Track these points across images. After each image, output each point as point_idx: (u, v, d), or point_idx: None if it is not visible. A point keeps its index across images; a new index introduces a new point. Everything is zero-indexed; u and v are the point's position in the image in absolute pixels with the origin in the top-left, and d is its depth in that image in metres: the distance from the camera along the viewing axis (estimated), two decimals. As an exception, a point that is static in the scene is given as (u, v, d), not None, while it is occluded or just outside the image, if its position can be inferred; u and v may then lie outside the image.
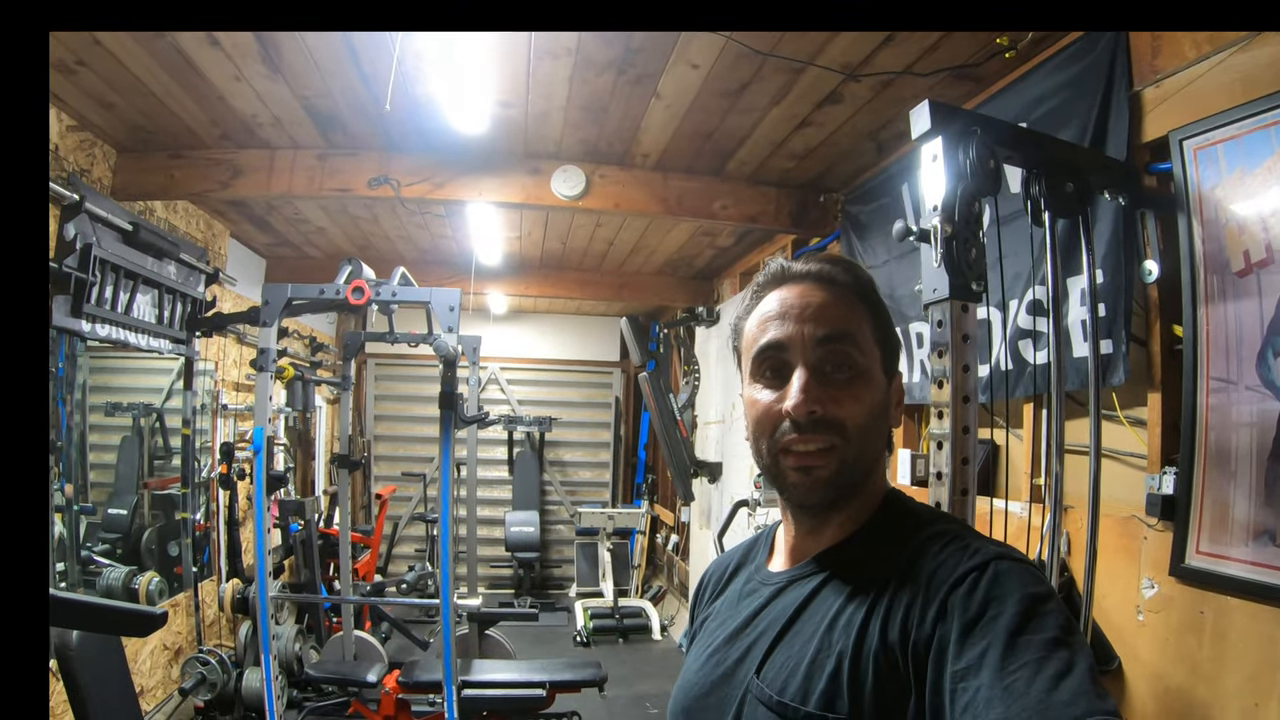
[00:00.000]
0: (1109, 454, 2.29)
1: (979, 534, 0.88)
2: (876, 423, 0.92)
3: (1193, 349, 1.99)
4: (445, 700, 3.48)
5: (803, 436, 0.89)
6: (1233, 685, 1.87)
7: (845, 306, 0.94)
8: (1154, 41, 2.16)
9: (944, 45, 2.56)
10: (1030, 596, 0.73)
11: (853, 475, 0.91)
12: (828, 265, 0.97)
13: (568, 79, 2.96)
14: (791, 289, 0.96)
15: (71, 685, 2.52)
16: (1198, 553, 1.97)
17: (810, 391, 0.88)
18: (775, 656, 0.89)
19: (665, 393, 6.30)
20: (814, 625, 0.87)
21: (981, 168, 1.63)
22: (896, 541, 0.88)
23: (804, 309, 0.93)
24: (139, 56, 2.82)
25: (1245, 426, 1.88)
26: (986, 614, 0.72)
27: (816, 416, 0.88)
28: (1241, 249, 1.89)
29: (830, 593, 0.89)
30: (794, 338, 0.91)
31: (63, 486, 3.54)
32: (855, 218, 3.78)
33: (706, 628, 1.07)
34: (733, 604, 1.04)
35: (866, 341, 0.93)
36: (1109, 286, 2.19)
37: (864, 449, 0.91)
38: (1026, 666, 0.67)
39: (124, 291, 3.82)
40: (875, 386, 0.92)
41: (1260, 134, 1.85)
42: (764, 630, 0.93)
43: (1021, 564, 0.79)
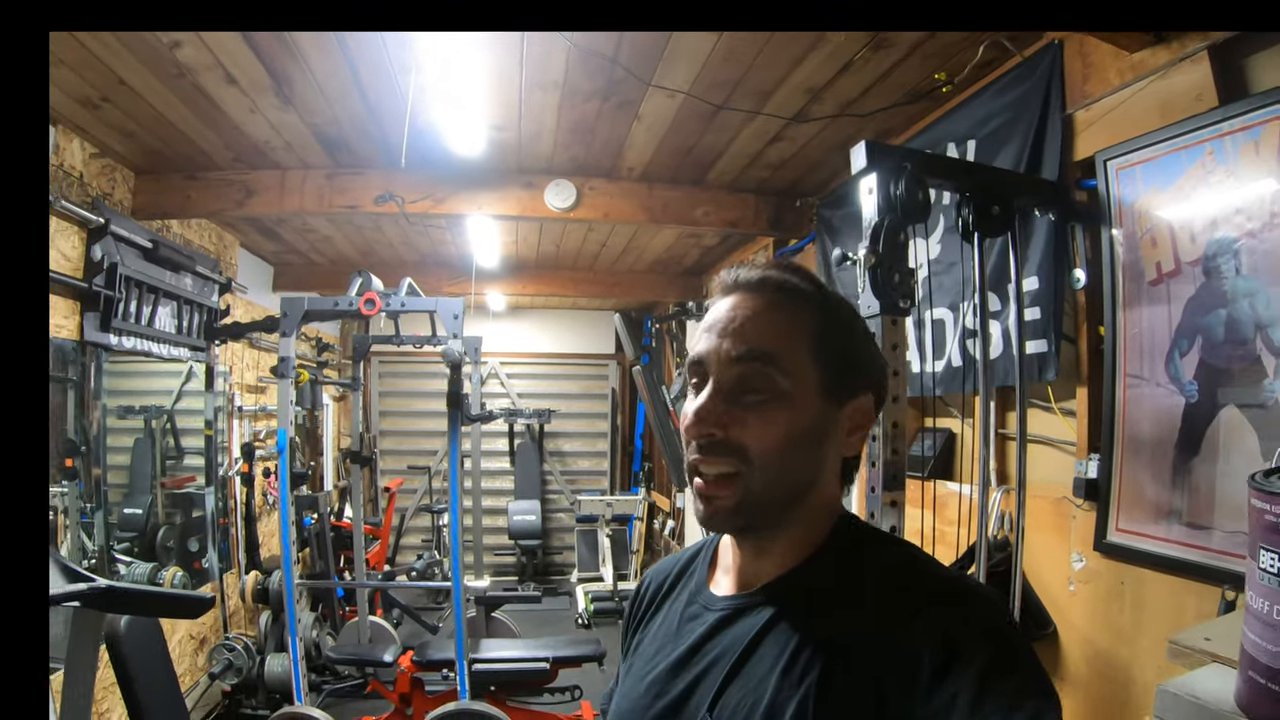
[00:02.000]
0: (1046, 441, 2.55)
1: (940, 566, 0.87)
2: (799, 450, 0.84)
3: (1112, 349, 2.22)
4: (458, 675, 3.74)
5: (704, 458, 0.84)
6: (1148, 646, 2.10)
7: (780, 321, 0.85)
8: (1084, 68, 2.36)
9: (895, 72, 2.78)
10: (1001, 642, 0.73)
11: (762, 506, 0.84)
12: (775, 273, 0.89)
13: (557, 106, 3.19)
14: (728, 299, 0.88)
15: (120, 668, 2.68)
16: (1117, 530, 2.20)
17: (708, 414, 0.83)
18: (729, 694, 0.82)
19: (658, 384, 6.53)
20: (769, 663, 0.81)
21: (910, 199, 1.87)
22: (851, 574, 0.85)
23: (729, 323, 0.86)
24: (161, 93, 3.03)
25: (1156, 418, 2.10)
26: (958, 659, 0.71)
27: (715, 440, 0.83)
28: (1155, 260, 2.11)
29: (784, 628, 0.83)
30: (711, 354, 0.85)
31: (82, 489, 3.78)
32: (828, 221, 4.01)
33: (643, 649, 1.00)
34: (672, 628, 0.96)
35: (796, 361, 0.84)
36: (1043, 292, 2.41)
37: (777, 477, 0.83)
38: (997, 714, 0.66)
39: (146, 305, 4.04)
40: (799, 410, 0.83)
41: (1173, 156, 2.05)
42: (713, 663, 0.87)
43: (987, 603, 0.79)
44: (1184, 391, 2.03)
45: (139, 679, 2.74)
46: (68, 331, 3.51)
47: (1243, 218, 1.87)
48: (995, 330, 2.56)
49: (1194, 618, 1.92)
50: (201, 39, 2.63)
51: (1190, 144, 2.01)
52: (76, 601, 1.69)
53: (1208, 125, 1.95)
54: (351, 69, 2.86)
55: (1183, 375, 2.03)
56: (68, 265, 3.46)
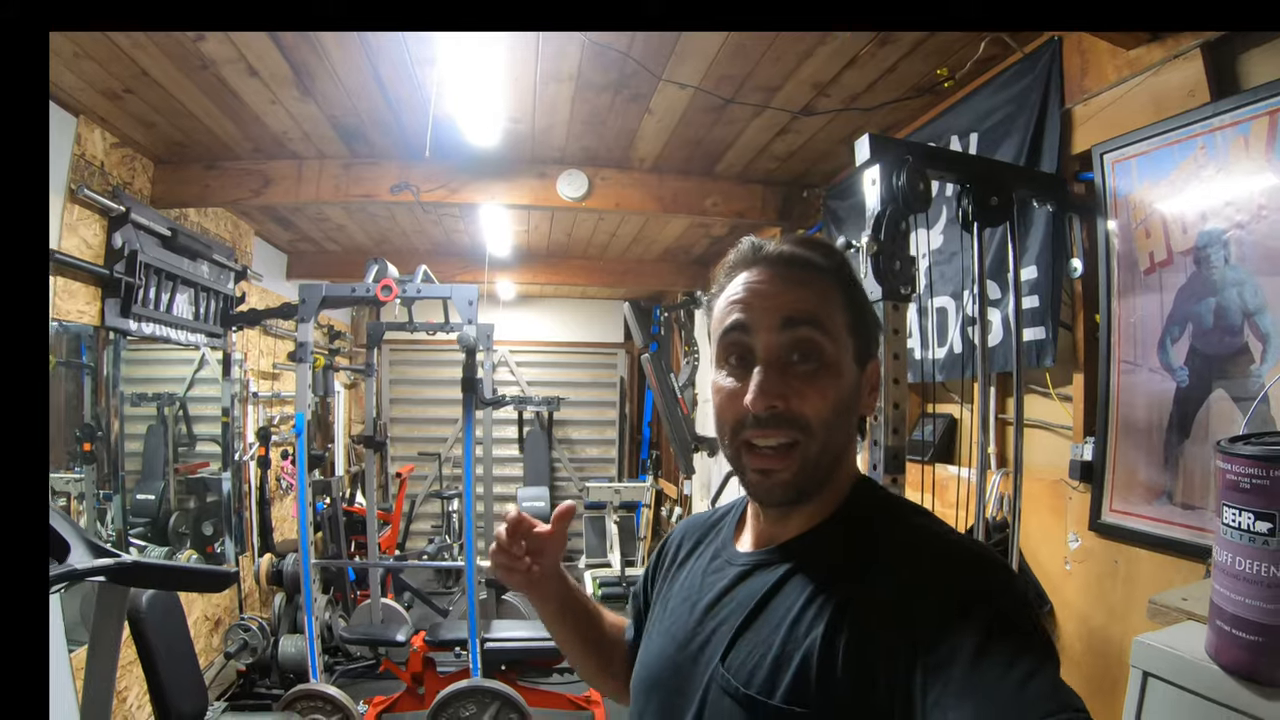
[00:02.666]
0: (1044, 426, 2.63)
1: (951, 530, 0.88)
2: (843, 416, 0.88)
3: (1107, 336, 2.29)
4: (470, 653, 3.83)
5: (763, 431, 0.86)
6: (1138, 622, 2.13)
7: (815, 290, 0.88)
8: (1082, 64, 2.43)
9: (900, 66, 2.85)
10: (1005, 597, 0.75)
11: (816, 473, 0.88)
12: (801, 247, 0.92)
13: (570, 99, 3.26)
14: (760, 271, 0.90)
15: (141, 644, 2.76)
16: (1111, 510, 2.28)
17: (771, 386, 0.85)
18: (740, 645, 0.86)
19: (667, 372, 6.58)
20: (779, 616, 0.84)
21: (911, 190, 1.94)
22: (866, 535, 0.87)
23: (769, 293, 0.88)
24: (183, 85, 3.10)
25: (1147, 402, 2.17)
26: (960, 613, 0.72)
27: (777, 411, 0.85)
28: (1148, 250, 2.18)
29: (796, 583, 0.86)
30: (757, 323, 0.87)
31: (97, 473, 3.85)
32: (834, 212, 4.07)
33: (671, 596, 1.04)
34: (696, 581, 1.01)
35: (836, 328, 0.88)
36: (1042, 281, 2.48)
37: (828, 444, 0.87)
38: (998, 665, 0.67)
39: (165, 291, 4.12)
40: (843, 377, 0.88)
41: (1165, 150, 2.12)
42: (728, 615, 0.90)
43: (994, 564, 0.80)
44: (1175, 377, 2.09)
45: (159, 654, 2.80)
46: (89, 317, 3.59)
47: (1232, 210, 1.93)
48: (995, 318, 2.64)
49: (1180, 592, 2.00)
50: (226, 32, 2.69)
51: (1183, 139, 2.07)
52: (104, 575, 1.70)
53: (1200, 120, 2.01)
54: (371, 62, 2.93)
55: (1174, 361, 2.10)
56: (89, 252, 3.54)
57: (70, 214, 3.38)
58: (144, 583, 2.07)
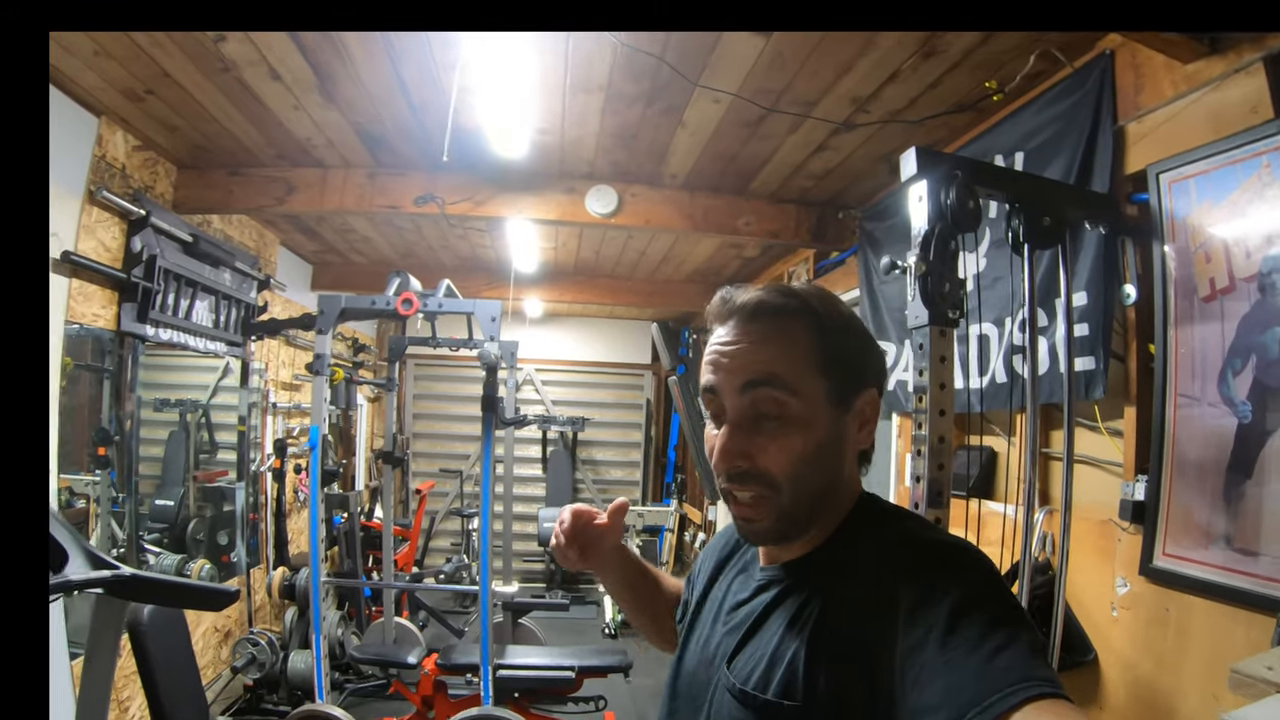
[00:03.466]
0: (1092, 462, 2.48)
1: (937, 529, 0.94)
2: (815, 464, 0.91)
3: (1163, 367, 2.15)
4: (482, 680, 3.72)
5: (735, 486, 0.92)
6: (1193, 675, 2.03)
7: (779, 342, 0.91)
8: (1136, 79, 2.31)
9: (945, 81, 2.74)
10: (975, 579, 0.78)
11: (794, 518, 0.92)
12: (764, 295, 0.94)
13: (600, 110, 3.19)
14: (727, 327, 0.95)
15: (141, 657, 2.67)
16: (1164, 554, 2.13)
17: (733, 446, 0.90)
18: (744, 651, 0.93)
19: (694, 396, 6.51)
20: (779, 623, 0.91)
21: (960, 208, 1.83)
22: (860, 544, 0.91)
23: (734, 353, 0.92)
24: (205, 87, 3.07)
25: (1206, 439, 2.03)
26: (933, 596, 0.75)
27: (742, 470, 0.90)
28: (1208, 276, 2.05)
29: (796, 595, 0.92)
30: (723, 385, 0.92)
31: (115, 478, 3.83)
32: (871, 234, 3.96)
33: (706, 604, 1.11)
34: (725, 589, 1.08)
35: (803, 376, 0.90)
36: (1092, 308, 2.35)
37: (799, 494, 0.91)
38: (968, 641, 0.70)
39: (184, 298, 4.11)
40: (812, 427, 0.90)
41: (1227, 169, 1.99)
42: (738, 624, 0.97)
43: (969, 553, 0.84)
44: (1237, 412, 1.96)
45: (159, 669, 2.72)
46: (105, 321, 3.56)
47: (1302, 233, 1.81)
48: (1041, 346, 2.50)
49: (1243, 646, 1.85)
50: (246, 33, 2.65)
51: (1245, 157, 1.95)
52: (100, 588, 1.70)
53: (1264, 138, 1.89)
54: (396, 68, 2.88)
55: (1236, 395, 1.96)
56: (107, 256, 3.51)
57: (88, 215, 3.35)
58: (141, 597, 2.04)
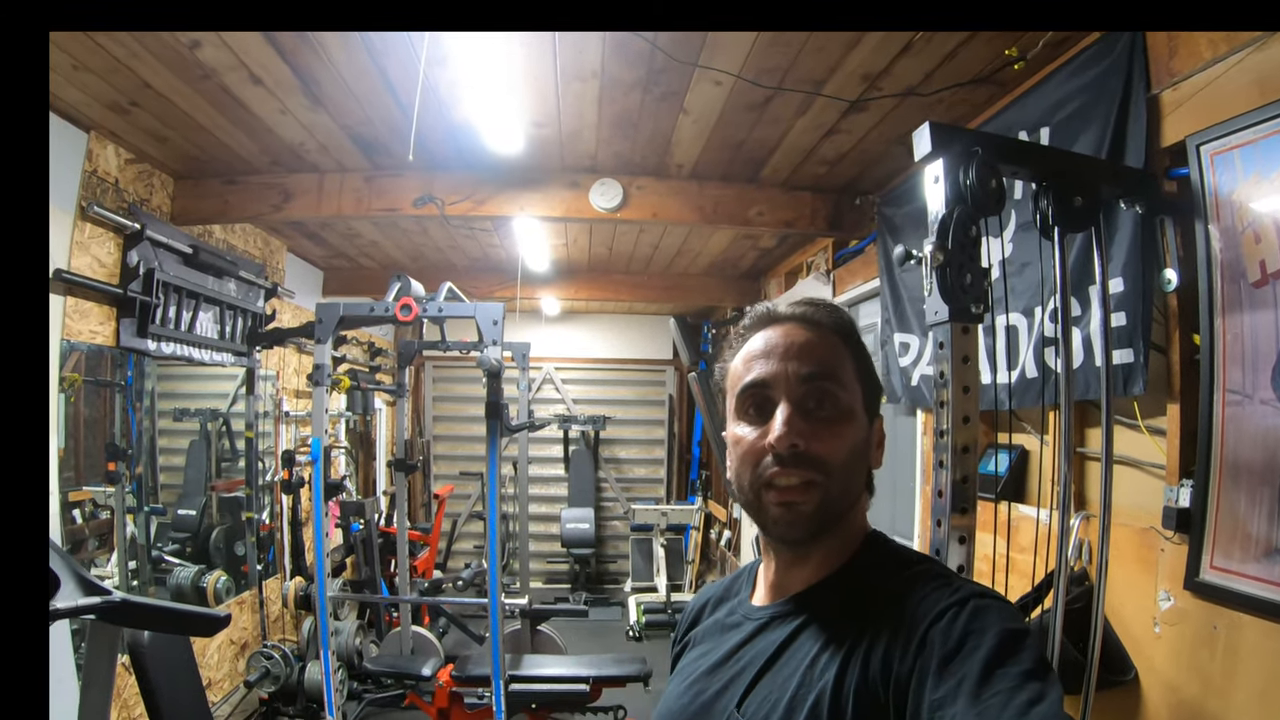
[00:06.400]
0: (1130, 463, 2.28)
1: (959, 575, 0.92)
2: (857, 461, 0.94)
3: (1209, 360, 1.95)
4: (494, 693, 3.61)
5: (785, 470, 0.90)
6: (1243, 700, 1.85)
7: (828, 346, 0.96)
8: (1170, 42, 2.10)
9: (961, 53, 2.55)
10: (1007, 632, 0.76)
11: (834, 511, 0.92)
12: (811, 308, 0.99)
13: (596, 99, 3.04)
14: (776, 329, 0.97)
15: (143, 679, 2.66)
16: (1211, 568, 1.93)
17: (793, 425, 0.89)
18: (757, 691, 0.90)
19: (716, 392, 6.36)
20: (796, 663, 0.88)
21: (981, 189, 1.64)
22: (877, 581, 0.90)
23: (788, 348, 0.94)
24: (188, 95, 2.98)
25: (1258, 440, 1.83)
26: (965, 647, 0.75)
27: (799, 450, 0.89)
28: (1258, 258, 1.85)
29: (812, 632, 0.90)
30: (778, 375, 0.93)
31: (136, 490, 3.79)
32: (890, 220, 3.78)
33: (687, 657, 1.09)
34: (714, 635, 1.06)
35: (849, 380, 0.95)
36: (1129, 295, 2.15)
37: (846, 486, 0.92)
38: (1000, 695, 0.69)
39: (186, 310, 4.03)
40: (857, 425, 0.94)
41: (1277, 138, 1.80)
42: (746, 665, 0.94)
43: (999, 602, 0.82)
44: (1294, 410, 1.76)
45: (162, 690, 2.72)
46: (103, 338, 3.48)
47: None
48: (1075, 338, 2.30)
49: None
50: (221, 38, 2.56)
51: (1299, 123, 1.75)
52: (91, 615, 1.68)
53: (1321, 102, 1.69)
54: (377, 65, 2.77)
55: (1292, 391, 1.76)
56: (102, 271, 3.43)
57: (81, 231, 3.27)
58: (131, 622, 2.05)
